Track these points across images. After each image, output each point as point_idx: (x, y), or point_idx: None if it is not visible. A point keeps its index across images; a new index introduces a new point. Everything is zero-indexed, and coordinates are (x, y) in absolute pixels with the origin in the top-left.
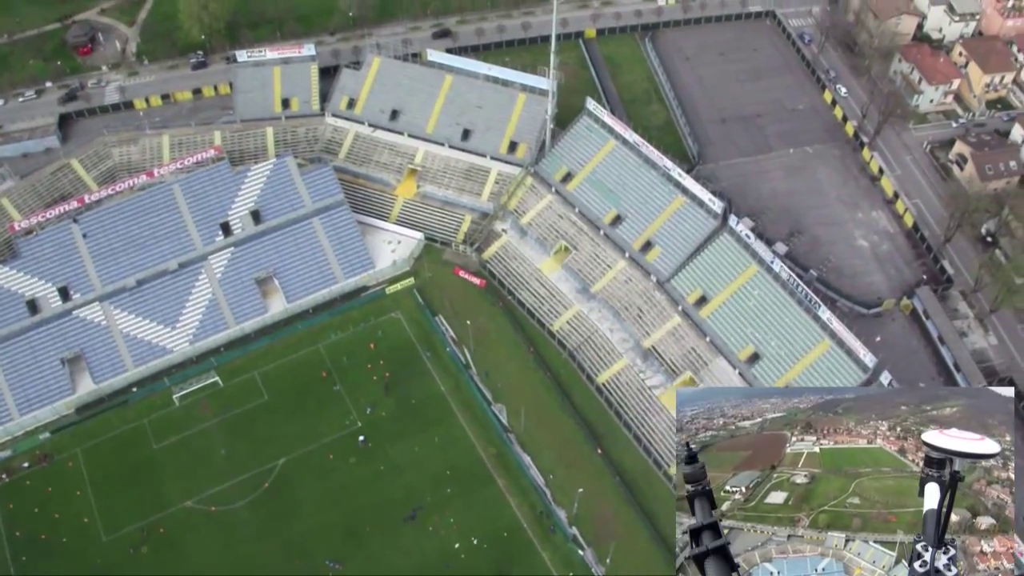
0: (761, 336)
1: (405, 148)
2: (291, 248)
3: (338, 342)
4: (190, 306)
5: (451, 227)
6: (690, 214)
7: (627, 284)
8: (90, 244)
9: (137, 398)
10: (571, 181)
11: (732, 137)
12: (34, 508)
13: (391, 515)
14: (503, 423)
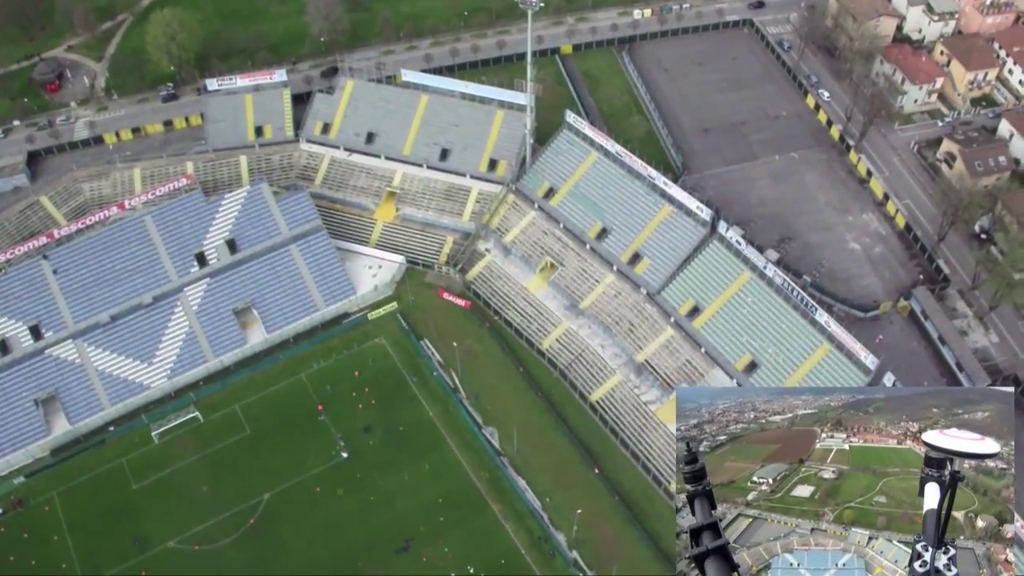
0: (758, 344)
1: (382, 171)
2: (269, 277)
3: (321, 371)
4: (167, 340)
5: (433, 249)
6: (678, 223)
7: (616, 298)
8: (61, 280)
9: (114, 437)
10: (554, 196)
11: (716, 146)
12: (10, 556)
13: (383, 548)
14: (495, 447)
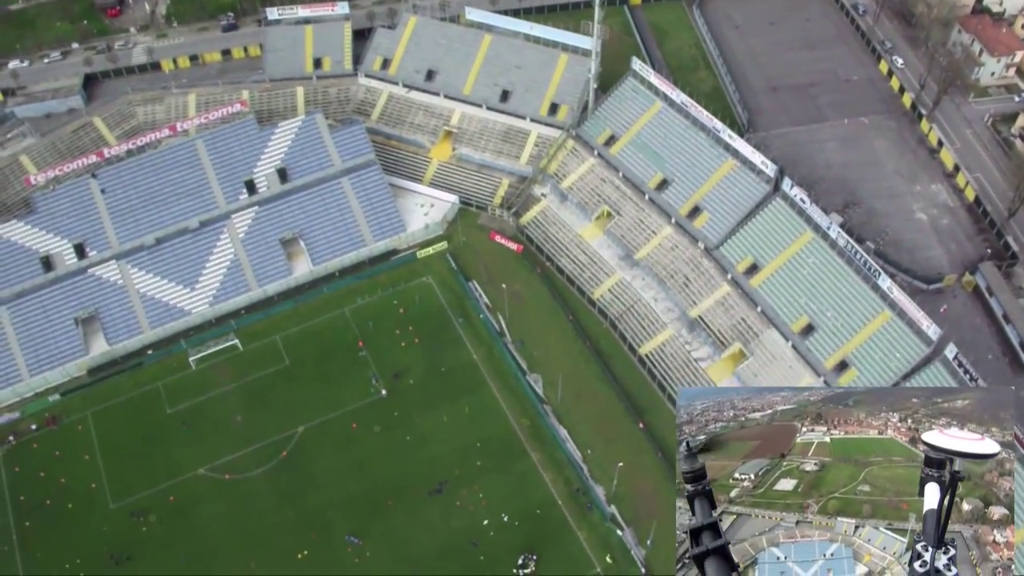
0: (816, 307)
1: (441, 109)
2: (318, 208)
3: (365, 306)
4: (211, 266)
5: (487, 191)
6: (741, 178)
7: (673, 251)
8: (108, 200)
9: (152, 361)
10: (615, 144)
11: (784, 106)
12: (40, 472)
13: (416, 488)
14: (538, 394)
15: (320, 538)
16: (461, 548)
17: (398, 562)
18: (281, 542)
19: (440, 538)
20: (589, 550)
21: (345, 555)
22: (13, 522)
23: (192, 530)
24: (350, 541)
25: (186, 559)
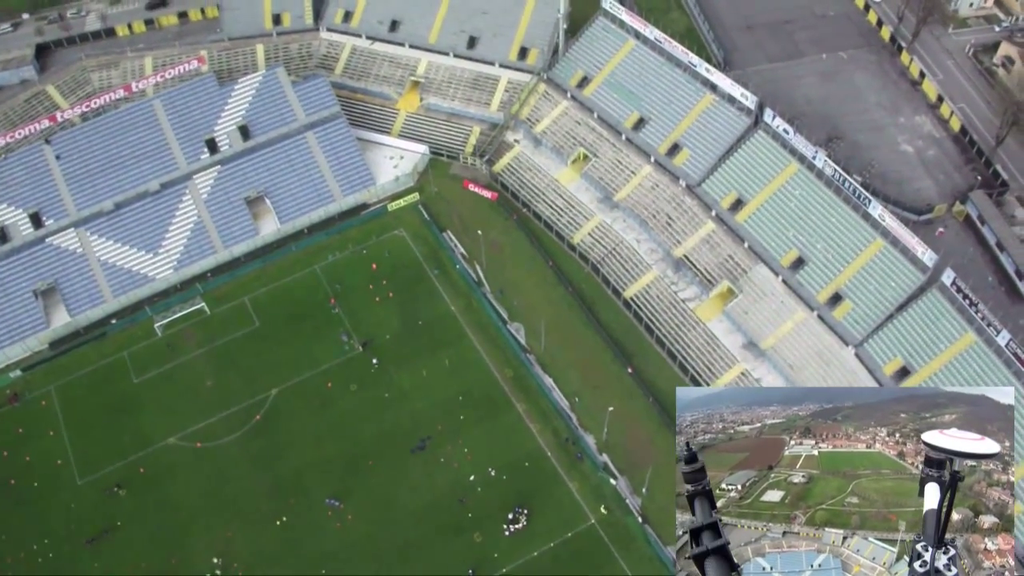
0: (805, 239)
1: (406, 60)
2: (283, 165)
3: (336, 263)
4: (174, 230)
5: (458, 140)
6: (720, 112)
7: (654, 190)
8: (64, 166)
9: (116, 330)
10: (588, 85)
11: (760, 43)
12: (3, 451)
13: (397, 447)
14: (521, 343)
15: (298, 503)
16: (448, 506)
17: (382, 524)
18: (258, 509)
19: (425, 496)
20: (582, 501)
21: (326, 519)
22: None
23: (165, 502)
24: (330, 504)
25: (160, 532)
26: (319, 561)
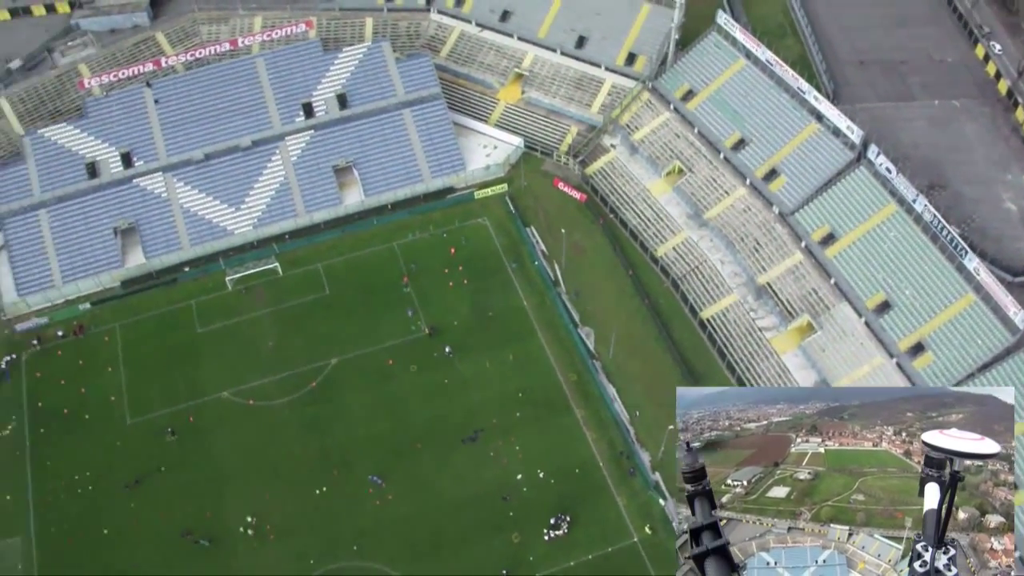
0: (894, 283)
1: (513, 51)
2: (376, 138)
3: (415, 243)
4: (259, 188)
5: (555, 137)
6: (823, 143)
7: (745, 213)
8: (161, 111)
9: (187, 278)
10: (692, 99)
11: (871, 81)
12: (61, 380)
13: (449, 434)
14: (589, 348)
15: (341, 475)
16: (490, 501)
17: (421, 508)
18: (300, 475)
19: (469, 488)
20: (628, 518)
21: (366, 496)
22: (28, 427)
23: (208, 454)
24: (373, 481)
25: (198, 483)
26: (352, 536)
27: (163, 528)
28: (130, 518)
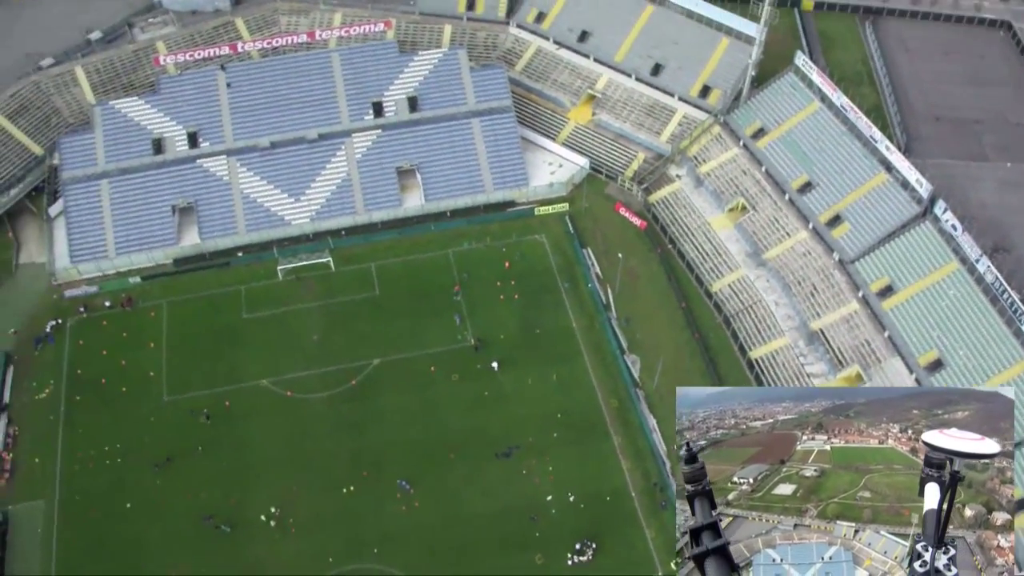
0: (948, 342)
1: (588, 72)
2: (443, 144)
3: (470, 252)
4: (320, 181)
5: (621, 162)
6: (891, 194)
7: (805, 257)
8: (232, 95)
9: (239, 263)
10: (763, 138)
11: (944, 137)
12: (103, 350)
13: (483, 447)
14: (634, 376)
15: (371, 477)
16: (517, 519)
17: (447, 519)
18: (329, 472)
19: (497, 504)
20: (655, 552)
21: (393, 500)
22: (64, 393)
23: (241, 440)
24: (401, 486)
25: (227, 468)
26: (374, 539)
27: (186, 509)
28: (155, 495)
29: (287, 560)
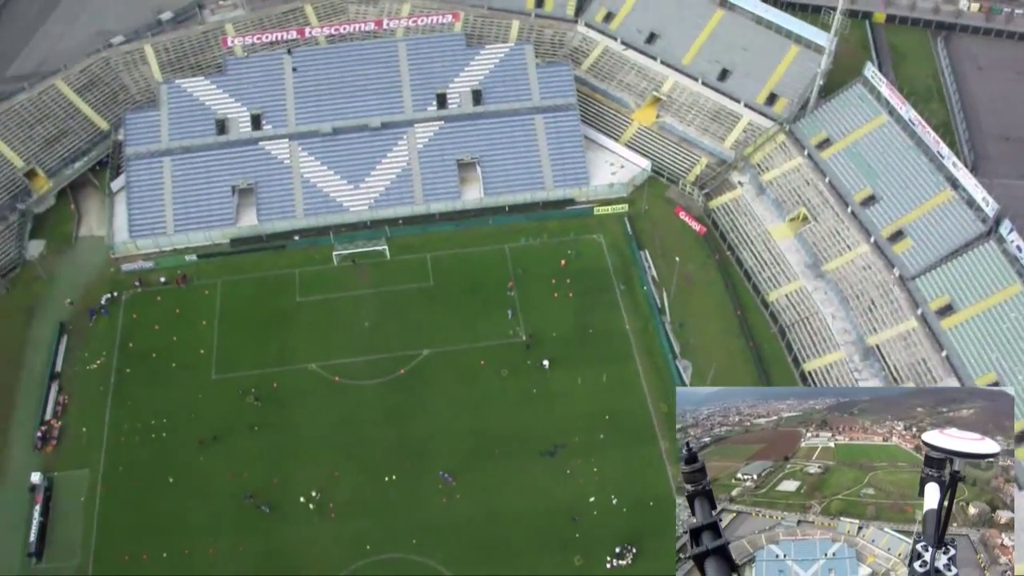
0: (1008, 366)
1: (654, 74)
2: (505, 139)
3: (527, 248)
4: (381, 169)
5: (683, 166)
6: (956, 212)
7: (864, 271)
8: (297, 79)
9: (296, 247)
10: (828, 148)
11: (1013, 158)
12: (155, 325)
13: (527, 444)
14: (685, 382)
15: (414, 467)
16: (558, 519)
17: (487, 514)
18: (373, 459)
19: (539, 502)
20: None
21: (434, 492)
22: (115, 365)
23: (286, 423)
24: (443, 478)
25: (271, 449)
26: (413, 530)
27: (228, 487)
28: (197, 471)
29: (325, 544)
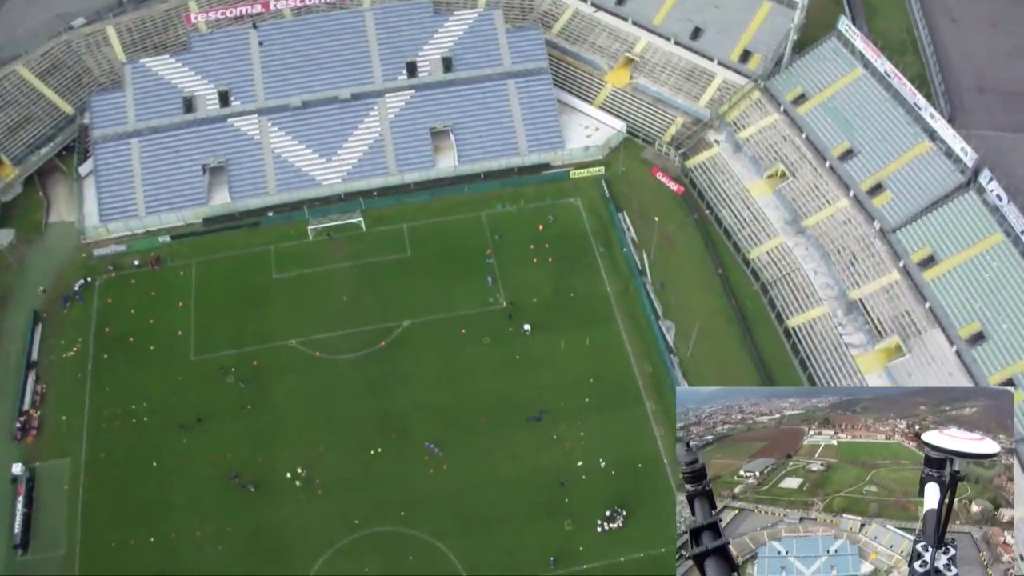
0: (991, 315)
1: (626, 35)
2: (477, 105)
3: (503, 215)
4: (353, 141)
5: (659, 126)
6: (934, 163)
7: (845, 225)
8: (264, 54)
9: (270, 223)
10: (804, 104)
11: (989, 109)
12: (131, 309)
13: (513, 411)
14: (668, 343)
15: (399, 439)
16: (546, 484)
17: (474, 482)
18: (357, 433)
19: (526, 469)
20: None
21: (420, 463)
22: (92, 352)
23: (268, 400)
24: (429, 449)
25: (254, 428)
26: (401, 502)
27: (212, 469)
28: (181, 454)
29: (313, 520)
